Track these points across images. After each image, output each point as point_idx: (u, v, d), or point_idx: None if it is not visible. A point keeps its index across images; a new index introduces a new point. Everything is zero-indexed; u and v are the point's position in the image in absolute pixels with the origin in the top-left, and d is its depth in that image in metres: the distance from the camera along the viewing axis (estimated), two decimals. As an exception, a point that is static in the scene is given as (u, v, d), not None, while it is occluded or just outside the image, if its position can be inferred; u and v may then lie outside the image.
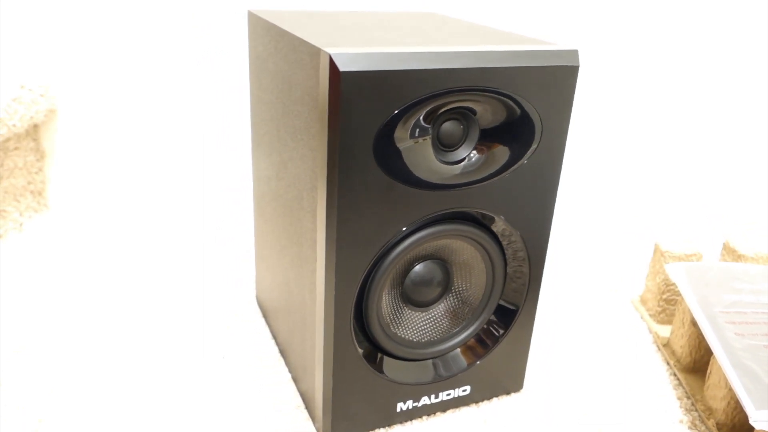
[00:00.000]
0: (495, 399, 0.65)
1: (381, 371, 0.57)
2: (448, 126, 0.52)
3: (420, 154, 0.51)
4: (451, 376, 0.60)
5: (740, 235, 0.81)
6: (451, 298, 0.60)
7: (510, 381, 0.65)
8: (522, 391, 0.66)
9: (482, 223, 0.57)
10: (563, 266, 0.92)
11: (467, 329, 0.60)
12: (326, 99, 0.46)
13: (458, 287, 0.60)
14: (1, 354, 0.67)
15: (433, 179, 0.52)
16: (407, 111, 0.48)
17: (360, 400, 0.57)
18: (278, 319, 0.68)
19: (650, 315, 0.79)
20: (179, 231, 0.96)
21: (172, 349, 0.69)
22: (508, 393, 0.65)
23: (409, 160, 0.50)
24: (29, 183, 0.96)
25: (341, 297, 0.52)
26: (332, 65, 0.45)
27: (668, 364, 0.71)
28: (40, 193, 0.99)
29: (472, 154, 0.53)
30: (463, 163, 0.53)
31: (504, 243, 0.58)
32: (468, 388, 0.62)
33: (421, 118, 0.49)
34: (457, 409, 0.63)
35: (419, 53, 0.47)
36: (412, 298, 0.58)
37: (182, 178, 1.13)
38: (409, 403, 0.60)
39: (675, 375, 0.69)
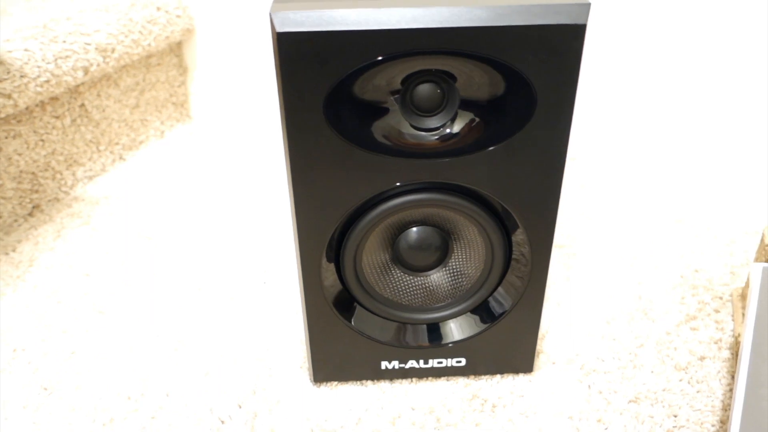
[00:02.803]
0: (498, 376, 0.61)
1: (350, 322, 0.56)
2: (424, 89, 0.47)
3: (386, 119, 0.47)
4: (438, 346, 0.58)
5: None
6: (448, 269, 0.57)
7: (518, 361, 0.60)
8: (533, 373, 0.61)
9: (482, 199, 0.52)
10: (642, 251, 0.79)
11: (461, 303, 0.57)
12: (277, 61, 0.45)
13: (456, 259, 0.56)
14: (131, 242, 0.80)
15: (402, 146, 0.48)
16: (357, 75, 0.44)
17: (338, 350, 0.58)
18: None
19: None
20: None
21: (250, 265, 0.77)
22: (516, 372, 0.61)
23: (371, 124, 0.47)
24: (171, 95, 1.08)
25: (308, 253, 0.52)
26: (272, 26, 0.43)
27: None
28: (182, 105, 1.11)
29: (449, 123, 0.48)
30: (438, 132, 0.48)
31: (506, 222, 0.53)
32: (463, 360, 0.59)
33: (385, 80, 0.45)
34: (453, 378, 0.61)
35: (375, 12, 0.43)
36: (403, 260, 0.56)
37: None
38: (395, 363, 0.59)
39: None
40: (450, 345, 0.58)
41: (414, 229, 0.55)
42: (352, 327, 0.56)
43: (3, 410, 0.58)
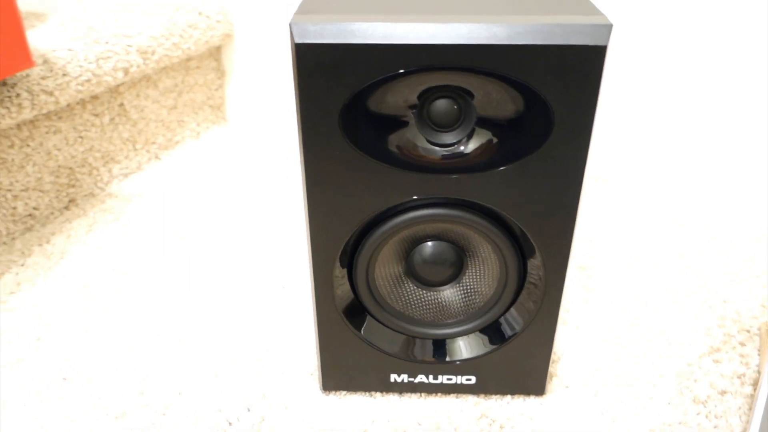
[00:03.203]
0: (509, 397, 0.60)
1: (360, 331, 0.56)
2: (441, 105, 0.47)
3: (402, 132, 0.47)
4: (446, 362, 0.57)
5: None
6: (461, 286, 0.56)
7: (529, 383, 0.59)
8: (545, 396, 0.60)
9: (497, 217, 0.51)
10: (668, 278, 0.77)
11: (472, 321, 0.56)
12: (295, 70, 0.45)
13: (470, 276, 0.56)
14: (159, 240, 0.82)
15: (417, 160, 0.48)
16: (374, 88, 0.45)
17: (348, 359, 0.58)
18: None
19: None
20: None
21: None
22: (527, 394, 0.60)
23: (387, 137, 0.47)
24: (208, 98, 1.10)
25: (320, 261, 0.53)
26: (292, 36, 0.44)
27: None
28: (218, 108, 1.13)
29: (465, 140, 0.47)
30: (453, 148, 0.48)
31: (521, 242, 0.52)
32: (473, 378, 0.59)
33: (402, 94, 0.45)
34: (462, 396, 0.60)
35: (394, 26, 0.43)
36: (417, 274, 0.56)
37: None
38: (404, 377, 0.59)
39: None
40: (457, 362, 0.57)
41: (429, 243, 0.55)
42: (362, 337, 0.56)
43: (22, 397, 0.60)
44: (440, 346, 0.58)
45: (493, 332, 0.57)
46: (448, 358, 0.57)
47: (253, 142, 1.09)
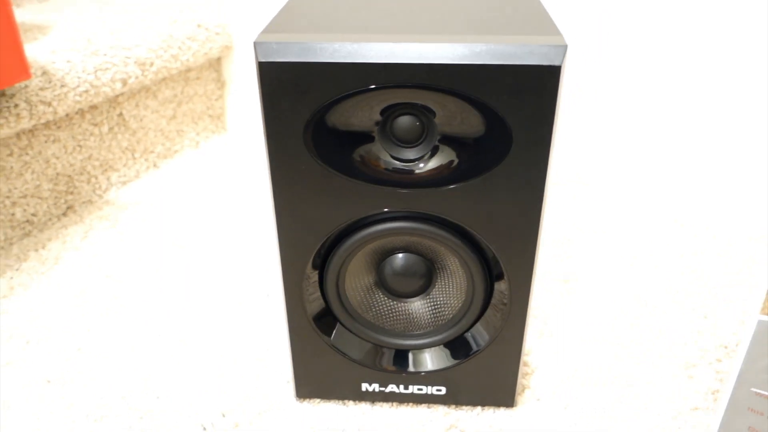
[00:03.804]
0: (479, 408, 0.61)
1: (329, 338, 0.58)
2: (404, 121, 0.48)
3: (366, 148, 0.48)
4: (411, 373, 0.58)
5: None
6: (430, 299, 0.57)
7: (499, 395, 0.60)
8: (516, 408, 0.61)
9: (463, 232, 0.52)
10: (653, 293, 0.77)
11: (440, 333, 0.57)
12: (259, 88, 0.47)
13: (439, 289, 0.57)
14: (154, 247, 0.85)
15: (380, 175, 0.49)
16: (335, 104, 0.46)
17: (320, 368, 0.59)
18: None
19: None
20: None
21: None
22: (497, 406, 0.61)
23: (351, 152, 0.48)
24: (208, 108, 1.13)
25: (290, 271, 0.54)
26: (255, 55, 0.45)
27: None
28: (218, 118, 1.15)
29: (427, 155, 0.48)
30: (416, 163, 0.49)
31: (487, 257, 0.53)
32: (443, 389, 0.60)
33: (364, 111, 0.47)
34: (434, 406, 0.61)
35: (355, 45, 0.45)
36: (387, 285, 0.57)
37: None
38: (375, 386, 0.60)
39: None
40: (422, 374, 0.58)
41: (399, 255, 0.56)
42: (331, 344, 0.58)
43: (8, 399, 0.62)
44: (407, 357, 0.59)
45: (460, 345, 0.58)
46: (413, 369, 0.58)
47: (253, 151, 1.11)
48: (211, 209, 0.94)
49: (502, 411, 0.61)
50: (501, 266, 0.53)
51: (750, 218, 0.87)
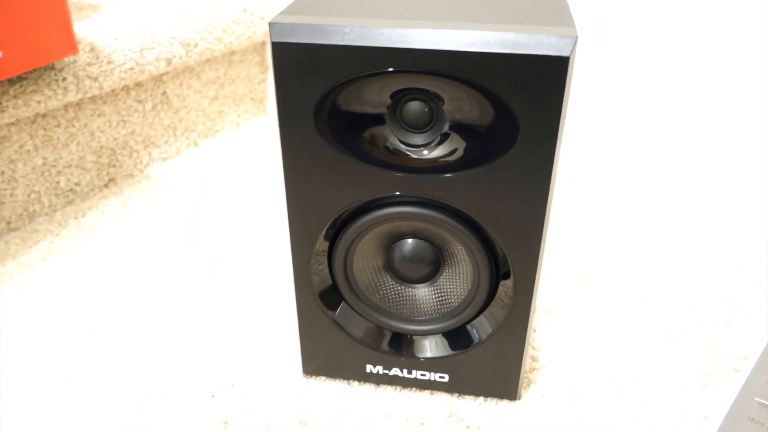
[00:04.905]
0: (482, 399, 0.61)
1: (333, 316, 0.59)
2: (414, 106, 0.48)
3: (375, 131, 0.49)
4: (411, 357, 0.59)
5: None
6: (436, 286, 0.58)
7: (502, 387, 0.60)
8: (519, 401, 0.61)
9: (470, 221, 0.52)
10: (666, 291, 0.75)
11: (443, 321, 0.58)
12: (273, 68, 0.48)
13: (445, 277, 0.57)
14: (186, 226, 0.88)
15: (387, 158, 0.50)
16: (344, 87, 0.47)
17: (327, 346, 0.60)
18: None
19: None
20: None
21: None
22: (500, 398, 0.61)
23: (360, 135, 0.49)
24: (250, 91, 1.15)
25: (299, 249, 0.55)
26: (270, 35, 0.47)
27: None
28: (260, 101, 1.18)
29: (435, 141, 0.49)
30: (423, 149, 0.49)
31: (494, 248, 0.53)
32: (446, 376, 0.60)
33: (372, 95, 0.48)
34: (437, 393, 0.62)
35: (366, 29, 0.45)
36: (394, 268, 0.58)
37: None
38: (379, 368, 0.61)
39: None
40: (423, 360, 0.59)
41: (409, 240, 0.57)
42: (334, 319, 0.58)
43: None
44: (408, 342, 0.59)
45: (462, 336, 0.58)
46: (413, 354, 0.59)
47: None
48: (246, 192, 0.96)
49: (504, 403, 0.61)
50: (507, 259, 0.53)
51: (751, 215, 0.87)
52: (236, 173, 1.00)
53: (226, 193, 0.95)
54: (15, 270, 0.78)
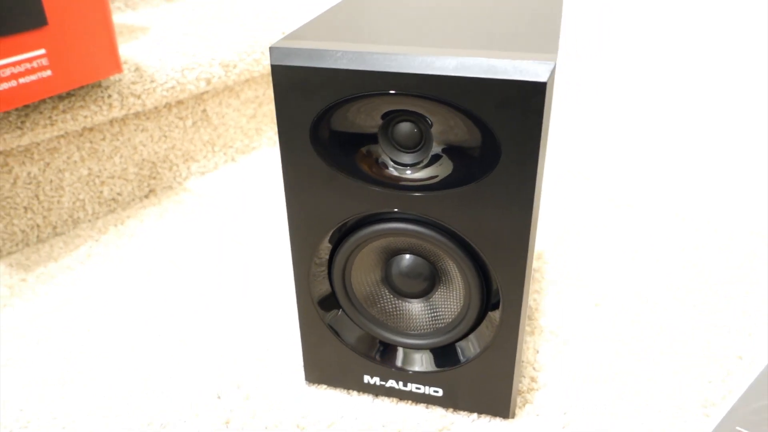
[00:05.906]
0: (475, 415, 0.62)
1: (331, 324, 0.61)
2: (404, 127, 0.51)
3: (367, 149, 0.52)
4: (400, 370, 0.60)
5: None
6: (430, 302, 0.59)
7: (495, 404, 0.61)
8: (513, 420, 0.61)
9: (462, 240, 0.54)
10: (670, 312, 0.74)
11: (436, 337, 0.59)
12: (274, 89, 0.52)
13: (440, 293, 0.59)
14: (221, 239, 0.93)
15: (379, 176, 0.52)
16: (336, 108, 0.50)
17: (327, 356, 0.63)
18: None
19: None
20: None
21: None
22: (494, 415, 0.62)
23: (353, 153, 0.52)
24: (288, 110, 1.20)
25: (299, 260, 0.58)
26: (271, 58, 0.50)
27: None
28: (297, 120, 1.23)
29: (424, 161, 0.51)
30: (413, 168, 0.51)
31: (484, 266, 0.55)
32: (440, 390, 0.61)
33: (363, 116, 0.50)
34: (432, 407, 0.63)
35: (358, 54, 0.48)
36: (392, 282, 0.60)
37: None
38: (376, 379, 0.63)
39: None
40: (412, 373, 0.60)
41: (406, 256, 0.59)
42: (329, 325, 0.61)
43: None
44: (399, 354, 0.61)
45: (450, 352, 0.59)
46: (403, 366, 0.61)
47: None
48: (278, 206, 1.00)
49: (498, 421, 0.61)
50: (496, 279, 0.54)
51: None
52: (270, 188, 1.05)
53: (258, 206, 1.00)
54: (56, 271, 0.85)
